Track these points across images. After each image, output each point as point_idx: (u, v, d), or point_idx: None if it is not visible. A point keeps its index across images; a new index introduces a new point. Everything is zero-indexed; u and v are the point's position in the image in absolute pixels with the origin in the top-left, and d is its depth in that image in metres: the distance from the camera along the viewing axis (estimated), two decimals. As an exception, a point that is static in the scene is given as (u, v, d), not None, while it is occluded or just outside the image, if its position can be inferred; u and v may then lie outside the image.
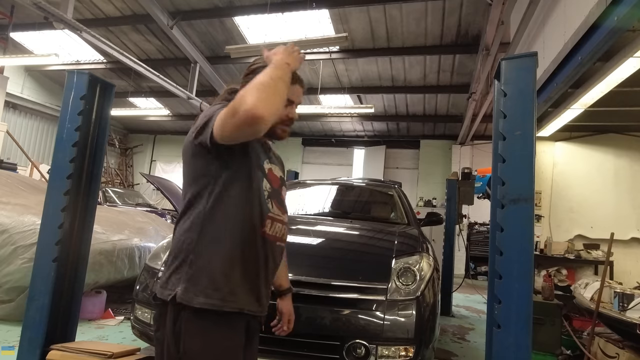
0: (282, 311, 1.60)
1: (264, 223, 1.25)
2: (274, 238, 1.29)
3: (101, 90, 2.46)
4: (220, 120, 1.09)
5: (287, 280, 1.64)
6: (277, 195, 1.34)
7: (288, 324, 1.60)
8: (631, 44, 2.68)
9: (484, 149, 10.78)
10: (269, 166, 1.33)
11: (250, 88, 1.05)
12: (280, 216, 1.33)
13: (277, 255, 1.33)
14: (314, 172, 12.57)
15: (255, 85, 1.06)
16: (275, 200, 1.31)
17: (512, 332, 1.60)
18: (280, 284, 1.60)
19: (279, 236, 1.32)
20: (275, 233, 1.29)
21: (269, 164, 1.34)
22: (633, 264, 4.89)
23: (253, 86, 1.06)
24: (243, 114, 1.01)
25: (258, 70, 1.25)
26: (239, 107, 1.02)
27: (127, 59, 7.38)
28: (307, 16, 7.11)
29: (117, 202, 8.14)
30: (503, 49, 5.77)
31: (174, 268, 1.19)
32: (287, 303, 1.62)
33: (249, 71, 1.34)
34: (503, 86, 1.80)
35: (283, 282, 1.61)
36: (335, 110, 10.03)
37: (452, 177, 6.15)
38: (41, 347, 2.15)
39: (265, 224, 1.25)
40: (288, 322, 1.60)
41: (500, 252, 1.67)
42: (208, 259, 1.16)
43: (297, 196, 3.97)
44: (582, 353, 3.28)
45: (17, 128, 11.07)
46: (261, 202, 1.25)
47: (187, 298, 1.13)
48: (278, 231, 1.30)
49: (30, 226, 3.48)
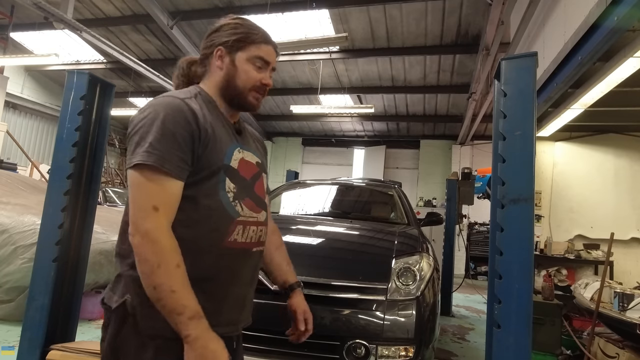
0: (295, 310, 1.36)
1: (231, 231, 1.06)
2: (248, 245, 1.10)
3: (101, 90, 2.46)
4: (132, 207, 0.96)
5: (292, 275, 1.41)
6: (249, 191, 1.13)
7: (306, 324, 1.36)
8: (631, 44, 2.68)
9: (484, 149, 10.78)
10: (240, 155, 1.11)
11: (159, 250, 0.92)
12: (254, 216, 1.12)
13: (255, 263, 1.17)
14: (314, 172, 12.57)
15: (161, 262, 0.91)
16: (247, 198, 1.11)
17: (512, 332, 1.60)
18: (285, 280, 1.39)
19: (254, 241, 1.12)
20: (249, 239, 1.10)
21: (241, 152, 1.12)
22: (633, 264, 4.89)
23: (162, 258, 0.92)
24: (133, 231, 0.94)
25: (238, 35, 1.13)
26: (136, 226, 0.94)
27: (127, 59, 7.38)
28: (307, 16, 7.11)
29: (117, 202, 8.14)
30: (503, 49, 5.77)
31: (125, 274, 1.02)
32: (298, 300, 1.38)
33: (214, 30, 1.18)
34: (503, 86, 1.80)
35: (288, 278, 1.40)
36: (335, 110, 10.03)
37: (452, 177, 6.15)
38: (41, 347, 2.15)
39: (231, 233, 1.06)
40: (305, 321, 1.36)
41: (500, 252, 1.67)
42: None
43: (297, 196, 3.97)
44: (582, 353, 3.28)
45: (17, 128, 11.07)
46: (225, 209, 1.05)
47: (134, 312, 0.98)
48: (252, 235, 1.11)
49: (30, 226, 3.48)
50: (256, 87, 1.14)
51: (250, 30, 1.15)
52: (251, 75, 1.13)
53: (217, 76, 1.15)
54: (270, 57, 1.16)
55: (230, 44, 1.13)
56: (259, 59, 1.14)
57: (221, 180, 1.05)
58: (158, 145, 0.95)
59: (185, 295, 0.93)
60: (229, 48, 1.13)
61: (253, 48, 1.14)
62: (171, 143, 0.96)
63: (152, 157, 0.94)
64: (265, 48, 1.15)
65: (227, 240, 1.05)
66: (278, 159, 13.10)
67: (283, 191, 3.92)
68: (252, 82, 1.13)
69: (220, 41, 1.14)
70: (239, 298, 1.13)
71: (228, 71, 1.13)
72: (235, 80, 1.13)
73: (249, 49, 1.13)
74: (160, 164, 0.95)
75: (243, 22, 1.18)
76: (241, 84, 1.13)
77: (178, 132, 0.98)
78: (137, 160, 0.95)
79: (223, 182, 1.05)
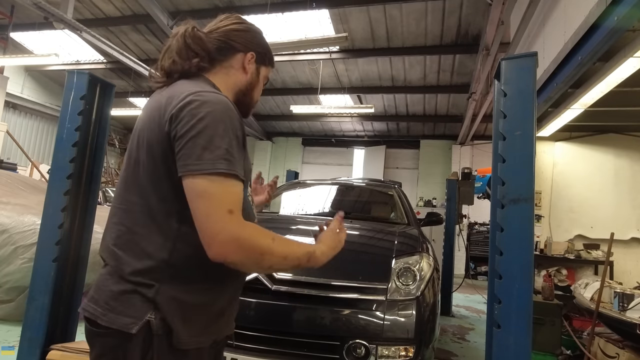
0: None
1: None
2: None
3: (101, 90, 2.46)
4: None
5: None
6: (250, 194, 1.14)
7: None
8: (631, 44, 2.68)
9: (484, 149, 10.78)
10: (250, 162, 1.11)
11: (252, 243, 0.85)
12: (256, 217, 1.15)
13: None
14: (314, 172, 12.57)
15: (263, 251, 0.86)
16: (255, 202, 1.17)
17: (512, 332, 1.60)
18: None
19: None
20: None
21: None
22: (633, 264, 4.89)
23: (260, 247, 0.86)
24: (215, 244, 0.84)
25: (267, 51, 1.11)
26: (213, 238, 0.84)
27: (127, 59, 7.38)
28: (307, 16, 7.10)
29: (117, 202, 8.13)
30: (503, 49, 5.77)
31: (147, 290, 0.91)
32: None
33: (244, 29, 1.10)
34: (503, 86, 1.80)
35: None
36: (335, 110, 10.03)
37: (452, 177, 6.15)
38: (41, 347, 2.15)
39: None
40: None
41: (500, 252, 1.67)
42: (196, 292, 0.95)
43: (297, 196, 3.97)
44: (582, 353, 3.28)
45: (17, 128, 11.07)
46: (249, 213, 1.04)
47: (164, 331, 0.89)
48: None
49: (30, 226, 3.48)
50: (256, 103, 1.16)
51: (270, 50, 1.16)
52: (259, 91, 1.15)
53: (239, 79, 1.09)
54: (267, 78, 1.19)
55: (260, 54, 1.11)
56: (266, 79, 1.17)
57: (247, 185, 1.04)
58: (231, 150, 0.88)
59: (295, 250, 0.95)
60: (259, 59, 1.11)
61: (270, 69, 1.16)
62: (237, 144, 0.91)
63: (225, 163, 0.86)
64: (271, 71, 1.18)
65: None
66: (278, 159, 13.10)
67: (283, 191, 3.92)
68: (258, 98, 1.15)
69: (254, 46, 1.10)
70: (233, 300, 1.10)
71: (252, 80, 1.10)
72: (253, 91, 1.12)
73: (267, 67, 1.15)
74: (233, 169, 0.87)
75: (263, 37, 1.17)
76: (256, 96, 1.14)
77: (239, 131, 0.93)
78: (210, 168, 0.85)
79: (247, 187, 1.03)
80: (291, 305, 2.05)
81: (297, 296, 2.06)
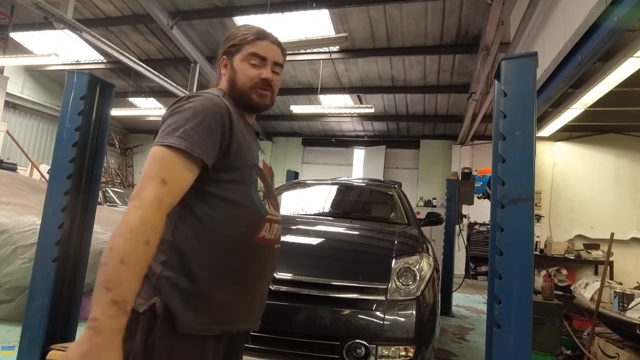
0: None
1: (261, 228, 1.09)
2: (272, 242, 1.15)
3: (101, 90, 2.46)
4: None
5: None
6: (272, 192, 1.18)
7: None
8: (631, 44, 2.68)
9: (484, 149, 10.78)
10: (261, 157, 1.16)
11: (144, 220, 0.87)
12: (276, 215, 1.18)
13: (275, 259, 1.20)
14: (314, 172, 12.57)
15: (137, 232, 0.86)
16: (271, 198, 1.16)
17: (512, 332, 1.60)
18: None
19: (276, 238, 1.18)
20: (273, 236, 1.15)
21: (261, 155, 1.17)
22: (633, 264, 4.89)
23: (141, 228, 0.86)
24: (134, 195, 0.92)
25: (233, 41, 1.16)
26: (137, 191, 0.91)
27: (127, 59, 7.38)
28: (307, 16, 7.11)
29: (117, 202, 8.13)
30: (503, 49, 5.77)
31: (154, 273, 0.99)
32: None
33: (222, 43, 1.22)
34: (503, 86, 1.80)
35: None
36: (335, 110, 10.03)
37: (452, 177, 6.15)
38: (41, 347, 2.15)
39: (260, 229, 1.09)
40: None
41: (500, 252, 1.67)
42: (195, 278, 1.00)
43: (297, 196, 3.97)
44: (582, 353, 3.28)
45: (17, 128, 11.07)
46: (258, 208, 1.09)
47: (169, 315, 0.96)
48: (275, 233, 1.16)
49: (30, 226, 3.48)
50: (256, 84, 1.14)
51: (244, 32, 1.17)
52: (247, 74, 1.14)
53: (224, 82, 1.19)
54: (267, 52, 1.16)
55: (229, 50, 1.17)
56: (252, 55, 1.14)
57: (254, 180, 1.09)
58: (193, 134, 0.96)
59: (130, 276, 0.83)
60: (228, 55, 1.18)
61: (247, 47, 1.15)
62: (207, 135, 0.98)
63: (184, 142, 0.95)
64: (260, 43, 1.15)
65: (257, 236, 1.09)
66: (278, 159, 13.10)
67: (283, 191, 3.92)
68: (250, 80, 1.14)
69: (222, 51, 1.20)
70: (263, 293, 1.18)
71: (229, 75, 1.17)
72: (235, 82, 1.15)
73: (243, 49, 1.15)
74: (191, 150, 0.95)
75: (241, 27, 1.20)
76: (240, 84, 1.15)
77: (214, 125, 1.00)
78: (169, 141, 0.95)
79: (256, 182, 1.10)
80: (291, 305, 2.05)
81: (297, 296, 2.06)
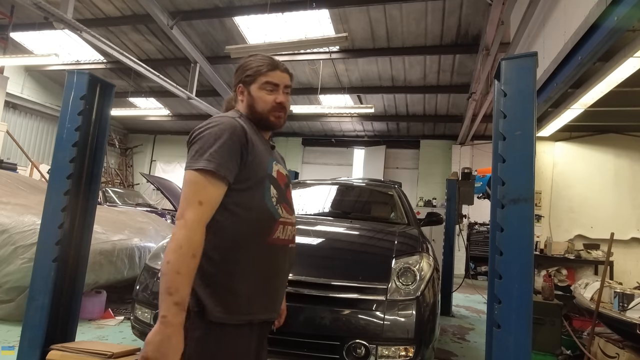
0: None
1: (275, 230, 1.28)
2: (286, 242, 1.34)
3: (101, 90, 2.47)
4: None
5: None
6: (285, 198, 1.37)
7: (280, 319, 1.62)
8: (631, 44, 2.68)
9: (484, 149, 10.78)
10: (276, 167, 1.36)
11: (190, 237, 1.10)
12: (289, 218, 1.37)
13: (291, 258, 1.39)
14: (314, 172, 12.56)
15: (186, 247, 1.09)
16: (284, 203, 1.35)
17: (512, 332, 1.60)
18: None
19: (290, 238, 1.36)
20: (287, 236, 1.34)
21: (276, 165, 1.37)
22: (633, 264, 4.89)
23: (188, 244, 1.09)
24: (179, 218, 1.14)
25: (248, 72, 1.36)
26: (180, 213, 1.15)
27: (127, 59, 7.37)
28: (307, 16, 7.10)
29: (117, 202, 8.14)
30: (503, 49, 5.77)
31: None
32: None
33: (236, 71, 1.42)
34: (503, 86, 1.80)
35: None
36: (335, 110, 10.02)
37: (452, 177, 6.15)
38: (41, 347, 2.15)
39: (275, 231, 1.29)
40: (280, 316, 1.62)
41: (500, 252, 1.67)
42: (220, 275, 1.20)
43: (297, 196, 3.97)
44: (582, 353, 3.28)
45: (17, 128, 11.07)
46: (271, 212, 1.28)
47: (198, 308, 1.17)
48: (289, 234, 1.35)
49: (30, 226, 3.48)
50: (273, 107, 1.36)
51: (258, 64, 1.38)
52: (265, 100, 1.36)
53: (243, 106, 1.40)
54: (279, 79, 1.37)
55: (245, 80, 1.39)
56: (267, 84, 1.36)
57: (267, 188, 1.29)
58: (218, 155, 1.17)
59: (184, 282, 1.08)
60: (244, 83, 1.39)
61: (261, 77, 1.36)
62: (229, 154, 1.19)
63: (211, 164, 1.15)
64: (273, 74, 1.37)
65: (272, 237, 1.28)
66: (278, 159, 13.09)
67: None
68: (269, 105, 1.36)
69: (238, 80, 1.41)
70: (280, 287, 1.37)
71: (248, 101, 1.38)
72: (255, 107, 1.37)
73: (259, 79, 1.36)
74: (217, 170, 1.15)
75: (254, 58, 1.41)
76: (260, 108, 1.36)
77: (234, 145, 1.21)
78: (199, 165, 1.15)
79: (268, 190, 1.29)
80: (291, 305, 2.04)
81: (297, 296, 2.06)
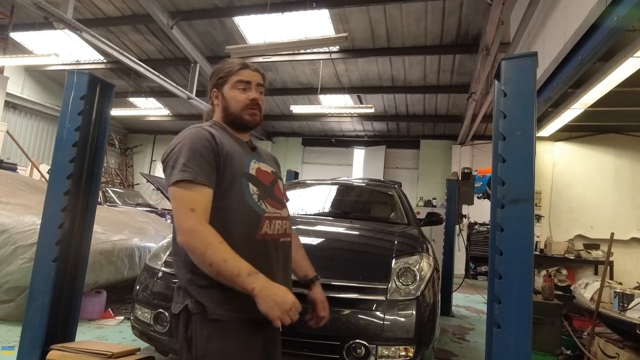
0: (316, 299, 1.54)
1: (261, 225, 1.30)
2: (276, 236, 1.34)
3: (101, 90, 2.46)
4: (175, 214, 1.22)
5: (311, 270, 1.61)
6: (270, 193, 1.38)
7: (323, 311, 1.55)
8: (631, 44, 2.68)
9: (484, 149, 10.78)
10: (256, 165, 1.37)
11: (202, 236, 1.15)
12: (278, 212, 1.37)
13: (285, 251, 1.39)
14: (314, 172, 12.56)
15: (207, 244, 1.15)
16: (269, 199, 1.36)
17: (512, 332, 1.60)
18: (306, 274, 1.59)
19: (281, 232, 1.37)
20: (276, 231, 1.34)
21: (257, 163, 1.38)
22: (633, 264, 4.89)
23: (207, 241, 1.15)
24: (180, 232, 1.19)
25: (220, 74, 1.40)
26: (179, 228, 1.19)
27: (127, 59, 7.37)
28: (307, 16, 7.10)
29: (117, 202, 8.14)
30: (503, 49, 5.77)
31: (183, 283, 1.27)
32: (318, 291, 1.56)
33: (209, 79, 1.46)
34: (503, 86, 1.80)
35: (308, 272, 1.59)
36: (335, 110, 10.02)
37: (452, 177, 6.15)
38: (41, 347, 2.15)
39: (262, 227, 1.30)
40: (323, 309, 1.54)
41: (500, 252, 1.67)
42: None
43: (297, 196, 3.97)
44: (582, 353, 3.28)
45: (17, 128, 11.07)
46: (253, 209, 1.30)
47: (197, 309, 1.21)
48: (279, 228, 1.35)
49: (30, 226, 3.48)
50: (247, 105, 1.38)
51: (229, 66, 1.41)
52: (238, 98, 1.39)
53: (218, 110, 1.44)
54: (250, 77, 1.40)
55: (218, 83, 1.43)
56: (239, 82, 1.39)
57: (245, 186, 1.31)
58: (189, 164, 1.21)
59: (236, 260, 1.15)
60: (218, 87, 1.43)
61: (233, 77, 1.40)
62: (199, 160, 1.22)
63: (186, 173, 1.19)
64: (244, 72, 1.40)
65: (259, 233, 1.30)
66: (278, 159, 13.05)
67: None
68: (241, 103, 1.38)
69: (212, 85, 1.45)
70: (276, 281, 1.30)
71: (222, 104, 1.42)
72: (229, 108, 1.40)
73: (230, 79, 1.40)
74: (194, 177, 1.19)
75: (224, 63, 1.45)
76: (233, 108, 1.39)
77: (202, 150, 1.24)
78: (174, 178, 1.20)
79: (247, 187, 1.31)
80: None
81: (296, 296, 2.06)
